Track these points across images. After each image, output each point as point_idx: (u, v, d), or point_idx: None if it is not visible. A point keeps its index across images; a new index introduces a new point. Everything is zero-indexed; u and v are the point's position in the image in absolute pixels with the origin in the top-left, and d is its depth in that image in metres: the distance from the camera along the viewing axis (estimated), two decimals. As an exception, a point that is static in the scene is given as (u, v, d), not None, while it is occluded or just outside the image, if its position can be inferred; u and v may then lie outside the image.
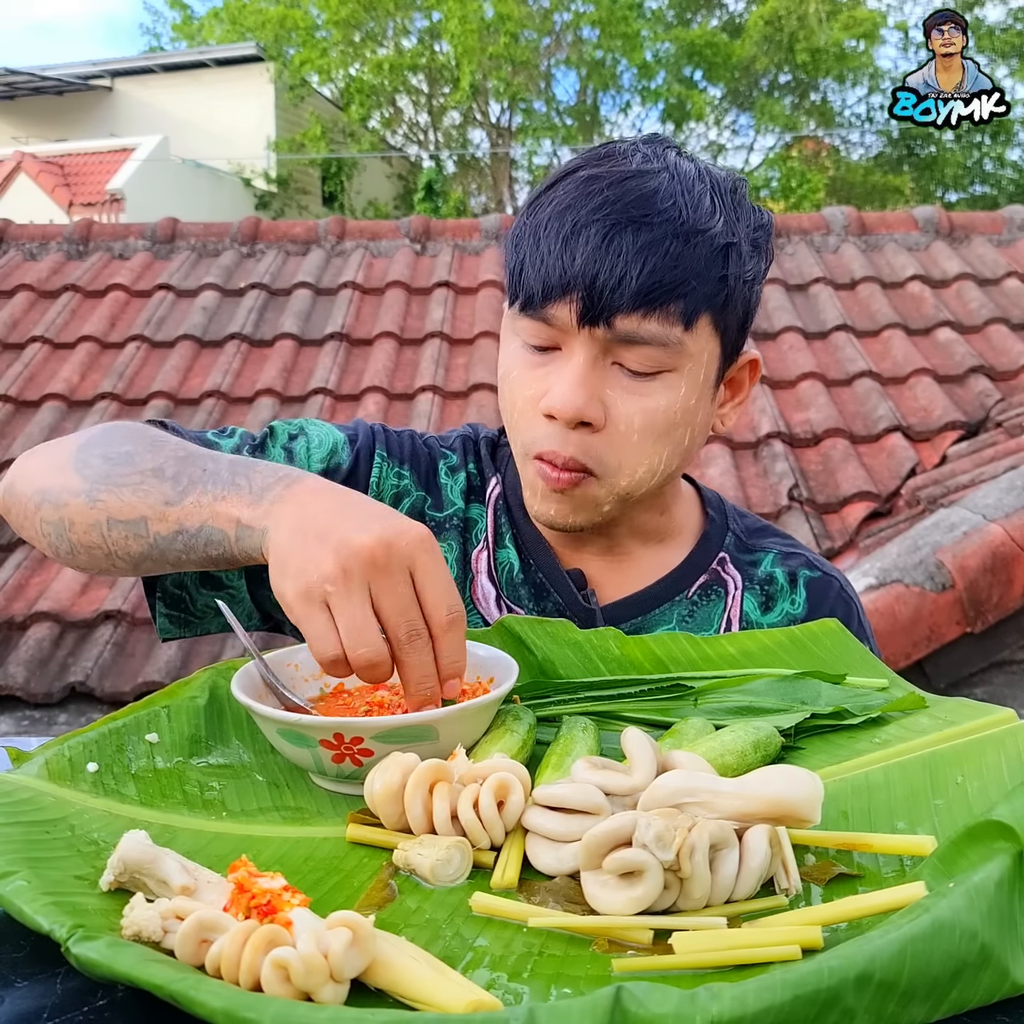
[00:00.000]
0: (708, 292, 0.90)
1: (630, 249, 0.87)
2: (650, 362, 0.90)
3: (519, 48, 14.90)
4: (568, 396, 0.89)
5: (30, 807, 0.61)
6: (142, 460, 0.84)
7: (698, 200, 0.90)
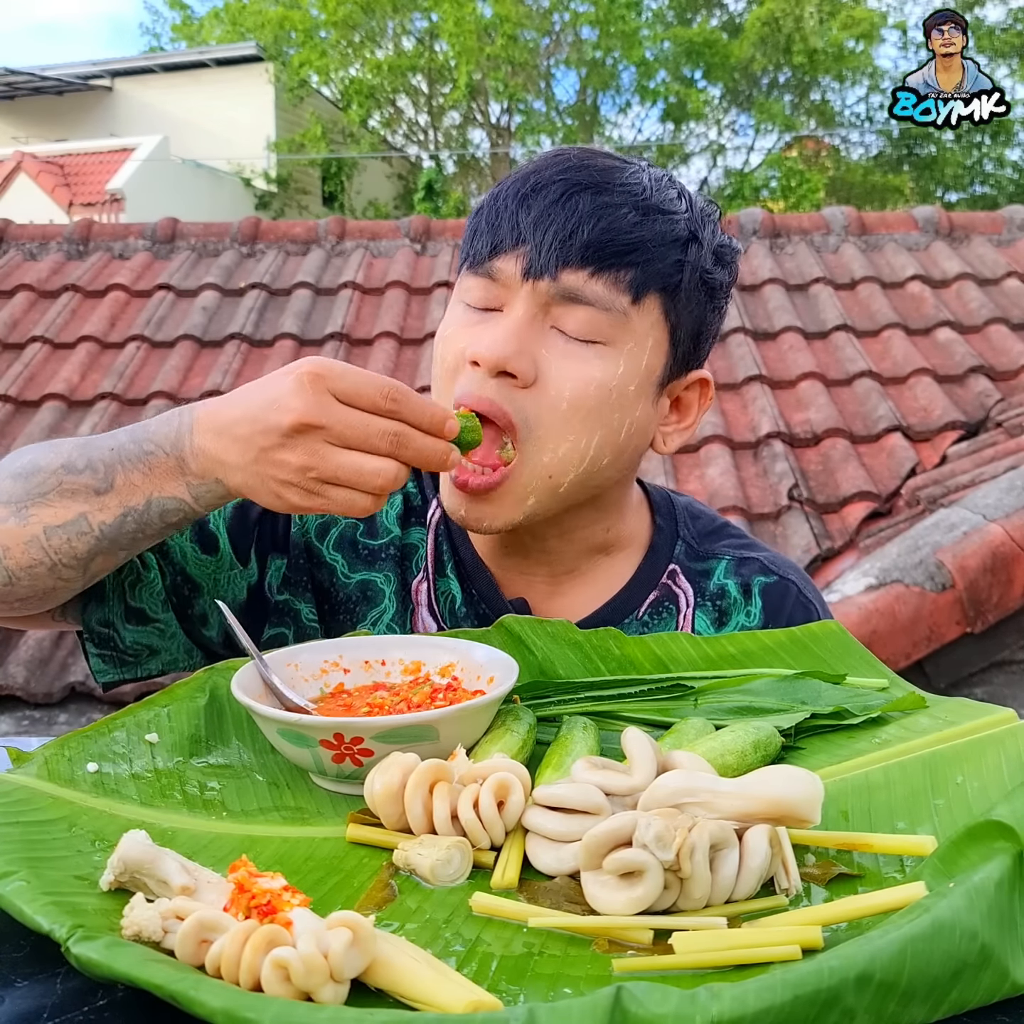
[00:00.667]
0: (661, 270, 0.88)
1: (586, 208, 0.86)
2: (589, 327, 0.87)
3: (517, 48, 14.89)
4: (497, 342, 0.86)
5: (30, 807, 0.61)
6: (47, 462, 0.84)
7: (664, 189, 0.91)
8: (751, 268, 4.78)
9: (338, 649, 0.82)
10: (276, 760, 0.73)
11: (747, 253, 4.92)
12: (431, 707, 0.72)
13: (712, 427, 3.81)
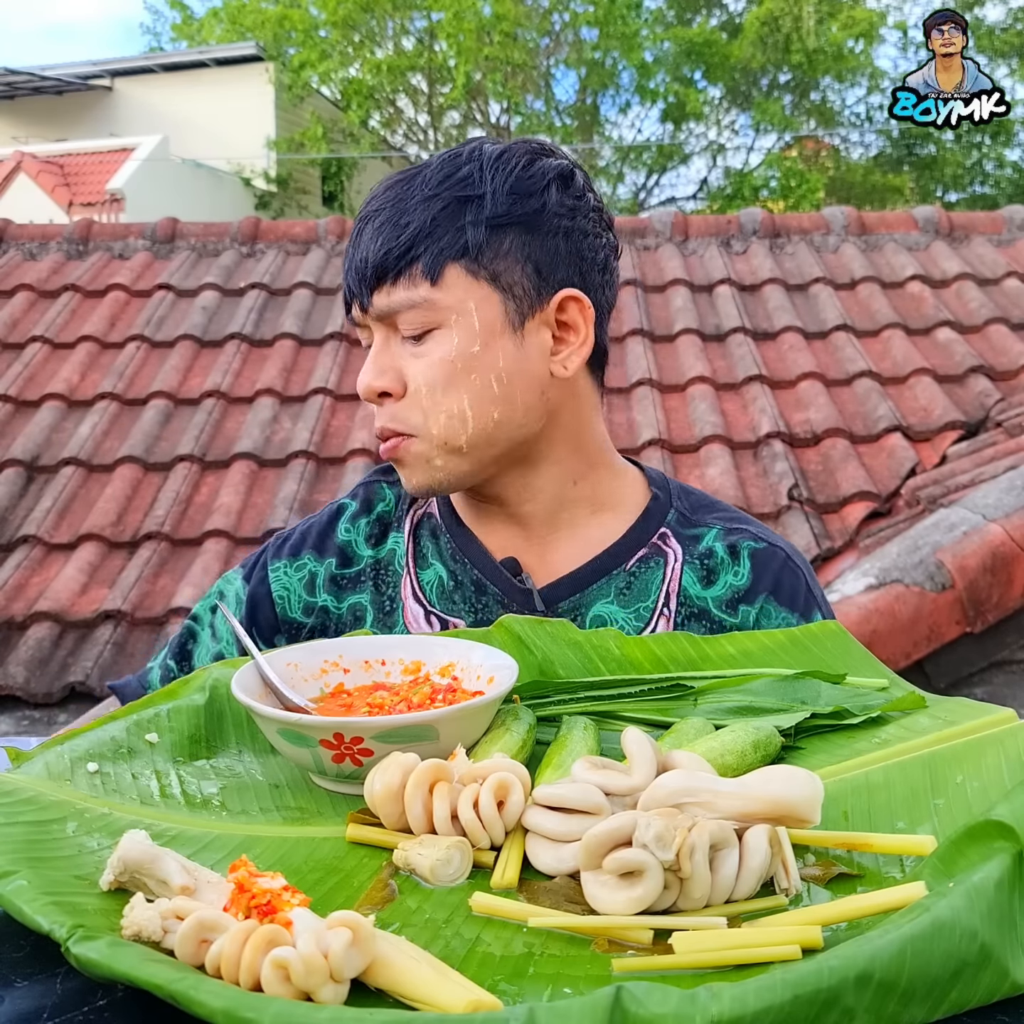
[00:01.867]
0: (442, 247, 0.97)
1: (368, 234, 0.99)
2: (414, 325, 0.98)
3: (516, 49, 14.89)
4: (362, 377, 1.01)
5: (30, 807, 0.61)
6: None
7: (445, 168, 0.99)
8: (751, 268, 4.78)
9: (338, 649, 0.82)
10: (276, 760, 0.73)
11: (747, 253, 4.92)
12: (431, 707, 0.72)
13: (712, 427, 3.82)
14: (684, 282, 4.63)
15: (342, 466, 3.88)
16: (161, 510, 3.71)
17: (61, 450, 4.01)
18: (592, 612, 1.04)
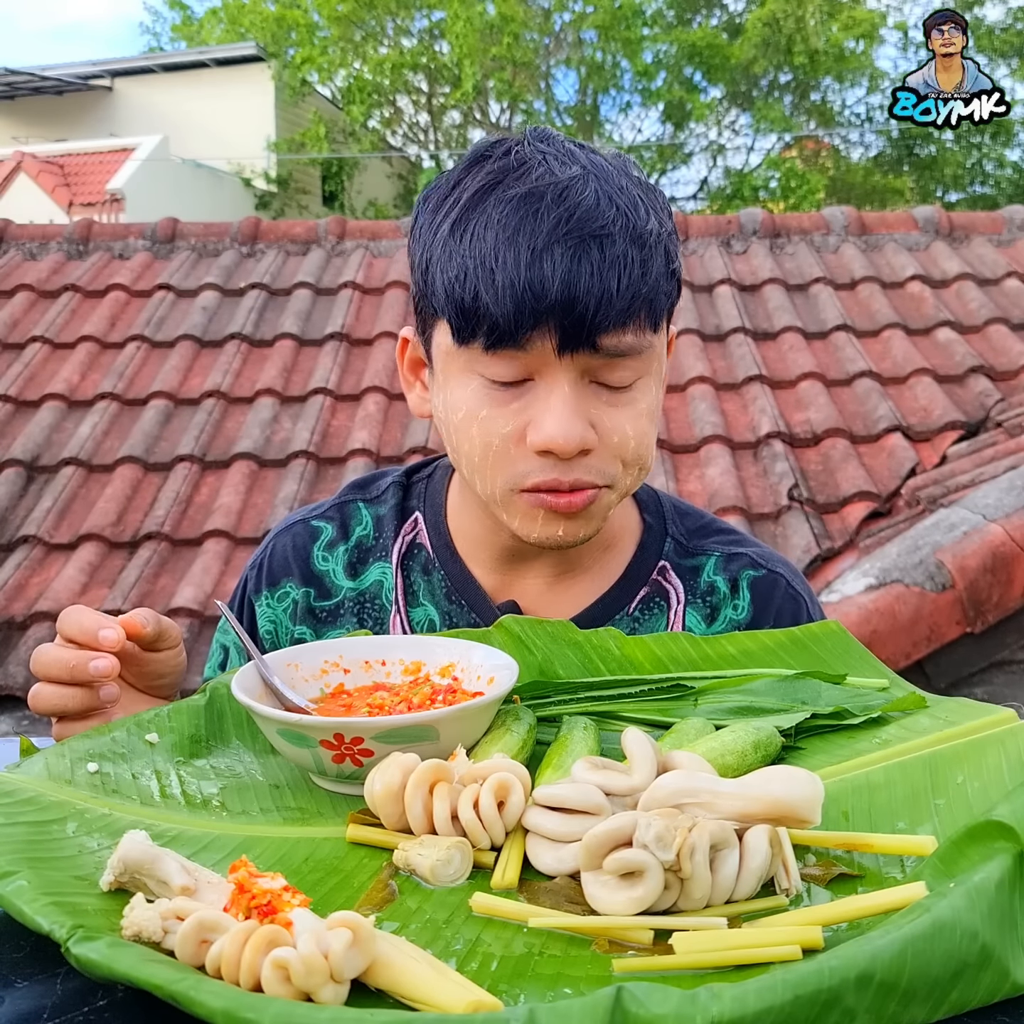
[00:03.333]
0: (667, 291, 0.89)
1: (601, 267, 0.83)
2: (629, 373, 0.88)
3: (521, 49, 14.90)
4: (566, 429, 0.85)
5: (30, 807, 0.61)
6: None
7: (632, 200, 0.87)
8: (751, 268, 4.78)
9: (338, 649, 0.82)
10: (276, 760, 0.73)
11: (747, 253, 4.92)
12: (431, 708, 0.72)
13: (712, 427, 3.82)
14: (684, 282, 4.61)
15: (342, 466, 3.88)
16: (161, 510, 3.71)
17: (61, 450, 4.01)
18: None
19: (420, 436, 3.90)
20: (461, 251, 0.85)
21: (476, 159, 0.90)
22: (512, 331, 0.84)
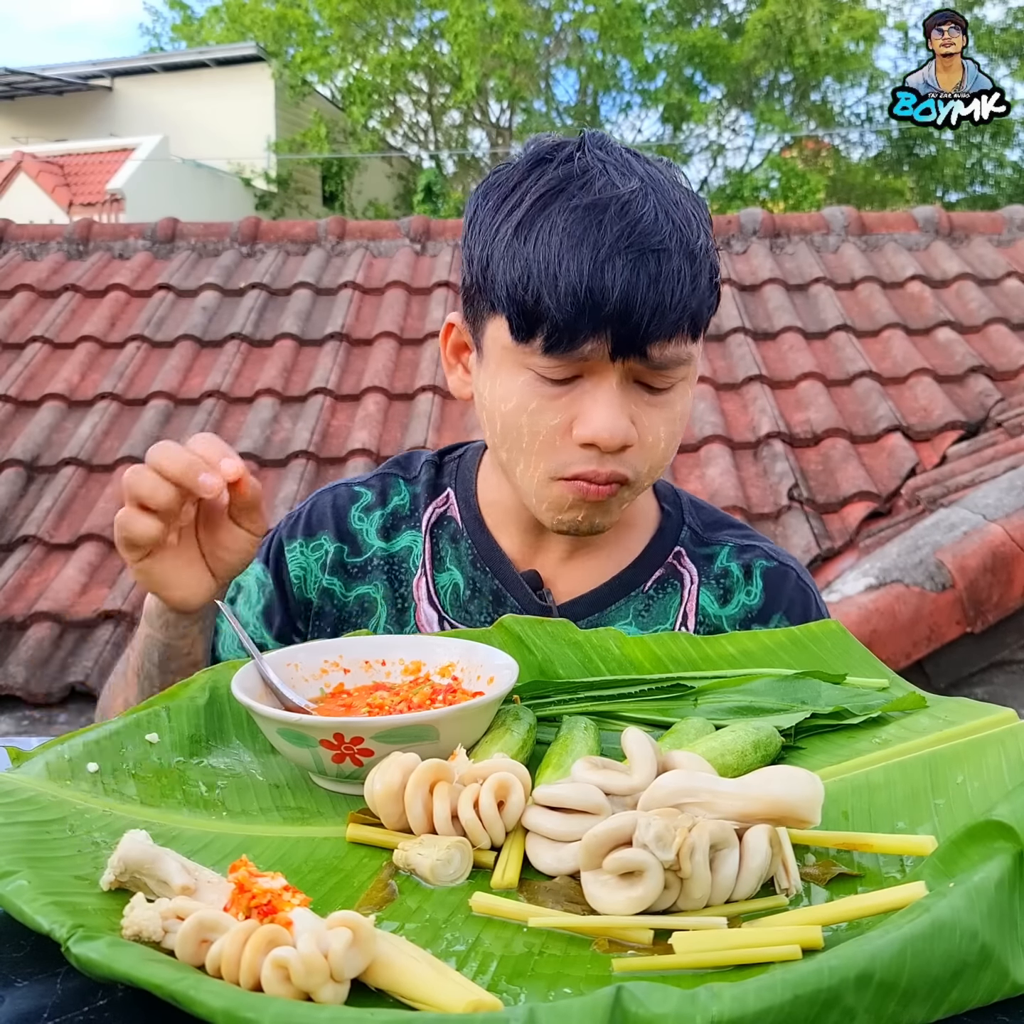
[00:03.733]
0: (710, 303, 0.94)
1: (657, 280, 0.87)
2: (671, 379, 0.94)
3: (521, 47, 14.89)
4: (612, 426, 0.91)
5: (30, 807, 0.61)
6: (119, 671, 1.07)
7: (686, 214, 0.92)
8: (751, 268, 4.78)
9: (338, 649, 0.82)
10: (276, 760, 0.73)
11: (747, 253, 4.92)
12: (431, 707, 0.72)
13: (712, 427, 3.82)
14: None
15: (342, 466, 3.88)
16: (161, 510, 3.70)
17: (61, 450, 4.01)
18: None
19: (420, 436, 3.90)
20: (525, 254, 0.89)
21: (537, 161, 0.94)
22: (571, 335, 0.89)
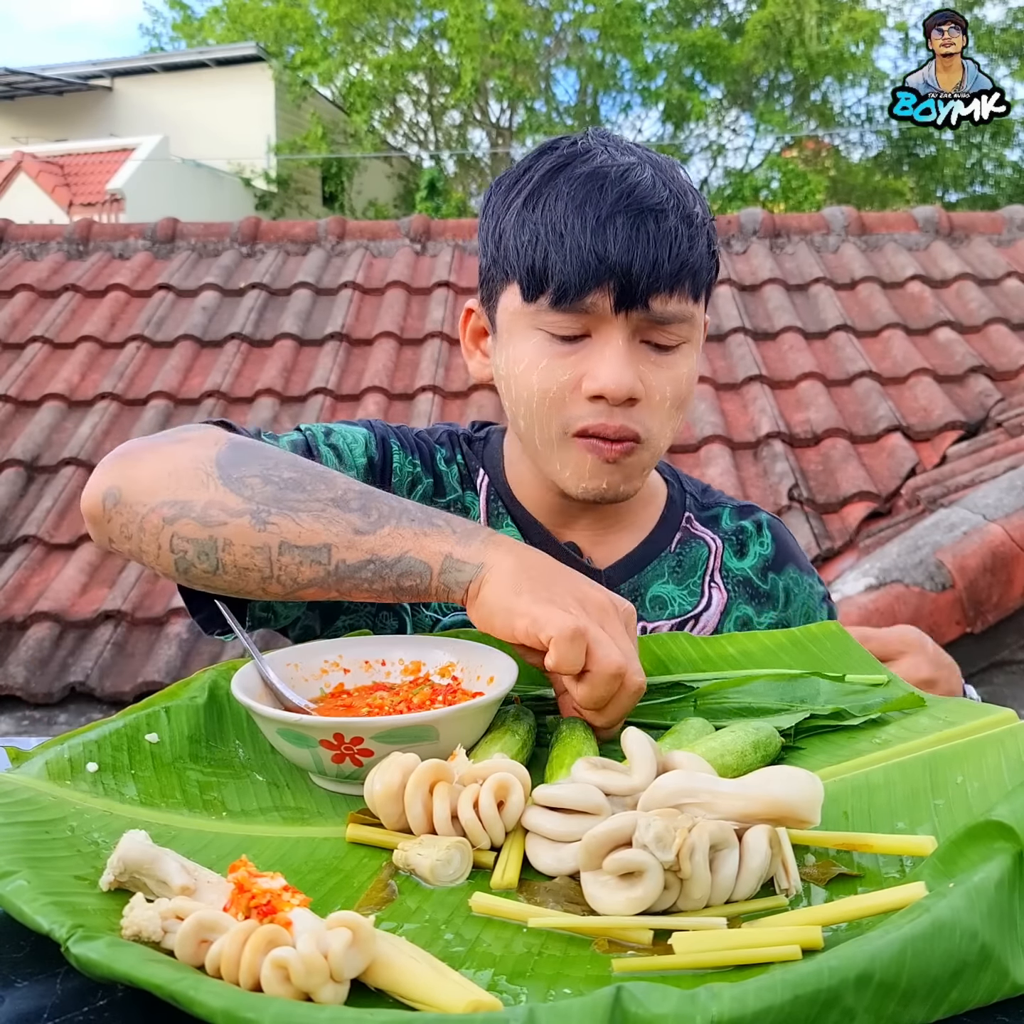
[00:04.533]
0: (708, 267, 0.98)
1: (656, 237, 0.93)
2: (674, 337, 0.97)
3: (521, 47, 14.88)
4: (619, 377, 0.94)
5: (30, 807, 0.61)
6: (316, 489, 0.84)
7: (682, 187, 0.98)
8: (751, 268, 4.78)
9: (338, 649, 0.82)
10: (276, 760, 0.73)
11: (747, 253, 4.92)
12: (431, 708, 0.72)
13: (712, 427, 3.82)
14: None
15: (342, 466, 3.88)
16: (161, 510, 3.70)
17: (61, 450, 4.01)
18: (651, 592, 1.08)
19: (420, 436, 3.89)
20: (533, 219, 0.96)
21: (544, 150, 1.01)
22: (576, 289, 0.94)
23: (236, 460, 0.85)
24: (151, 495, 0.83)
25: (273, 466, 0.85)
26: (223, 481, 0.83)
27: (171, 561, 0.83)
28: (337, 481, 0.85)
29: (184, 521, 0.82)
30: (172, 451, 0.87)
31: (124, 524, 0.85)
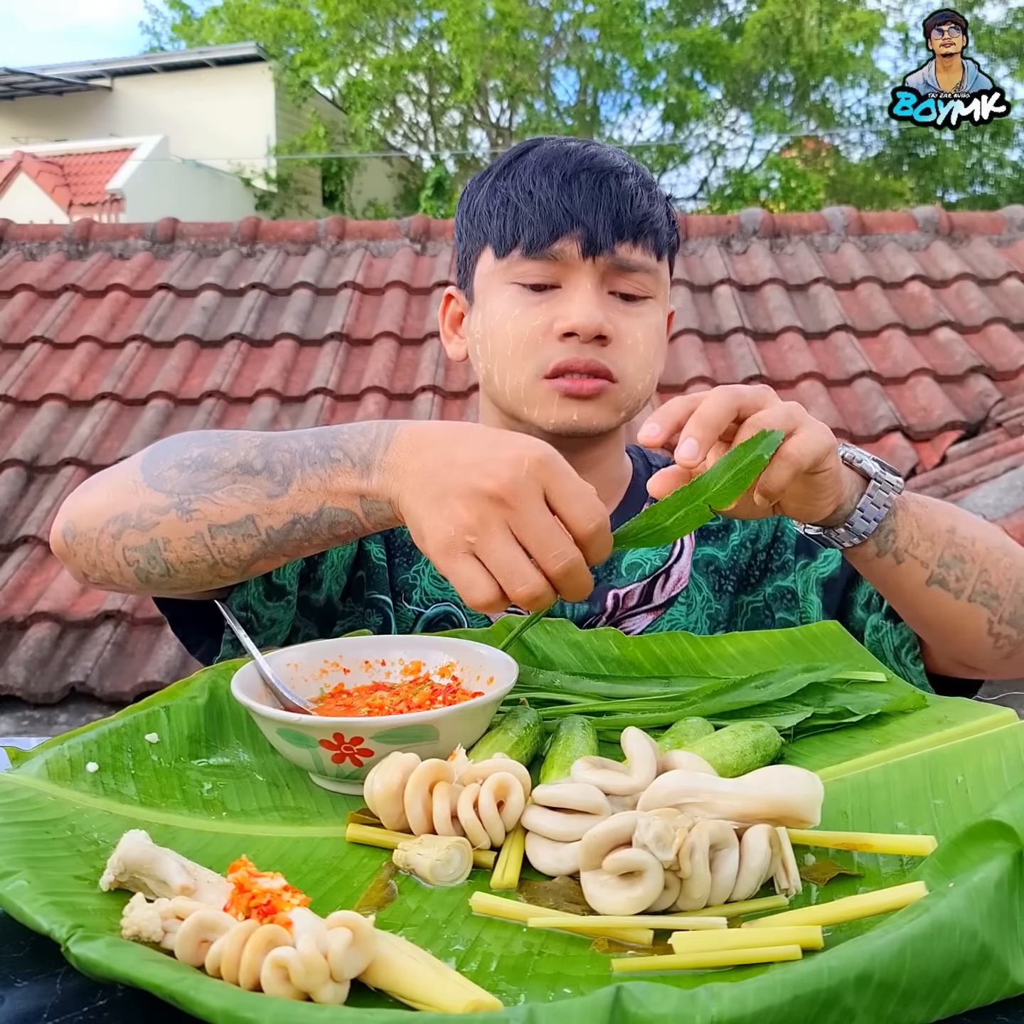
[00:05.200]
0: (667, 232, 1.05)
1: (617, 192, 1.01)
2: (640, 287, 1.02)
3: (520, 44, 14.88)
4: (589, 312, 0.99)
5: (30, 807, 0.61)
6: (221, 459, 0.82)
7: (640, 167, 1.07)
8: (751, 268, 4.78)
9: (338, 649, 0.82)
10: (276, 760, 0.73)
11: (747, 253, 4.92)
12: (431, 708, 0.72)
13: (712, 427, 3.81)
14: (684, 282, 4.63)
15: (342, 466, 3.88)
16: (161, 510, 3.70)
17: (61, 450, 4.01)
18: (626, 561, 1.08)
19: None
20: (504, 186, 1.04)
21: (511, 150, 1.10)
22: (546, 236, 1.00)
23: (155, 458, 0.86)
24: (98, 518, 0.85)
25: (184, 448, 0.85)
26: (147, 482, 0.83)
27: (132, 574, 0.84)
28: (239, 441, 0.83)
29: (128, 532, 0.82)
30: (110, 474, 0.88)
31: (86, 553, 0.86)
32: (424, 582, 1.07)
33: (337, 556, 1.05)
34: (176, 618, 1.00)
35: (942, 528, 0.87)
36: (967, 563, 0.88)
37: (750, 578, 1.11)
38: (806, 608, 1.08)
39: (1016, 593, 0.90)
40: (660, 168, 16.65)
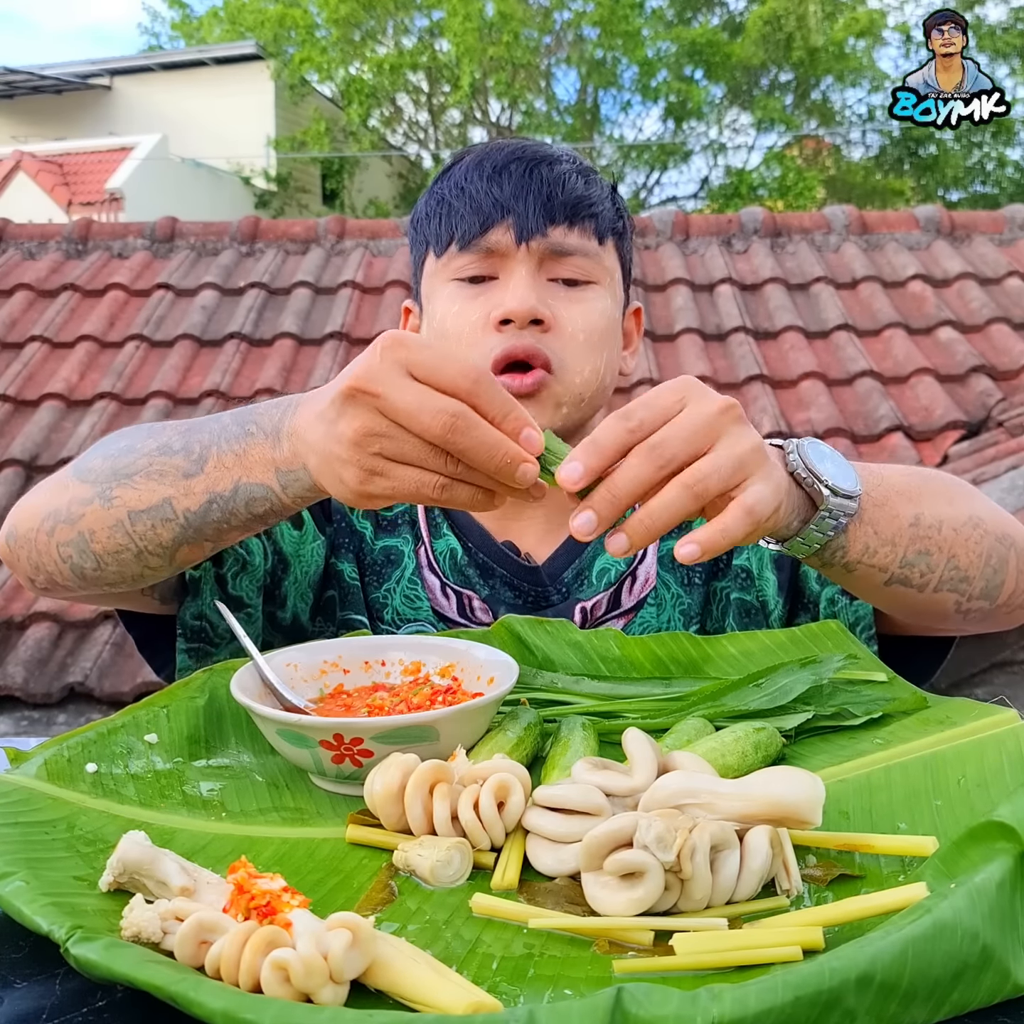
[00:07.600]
0: (610, 218, 1.04)
1: (549, 176, 1.01)
2: (580, 271, 1.01)
3: (520, 48, 14.87)
4: (521, 296, 0.98)
5: (29, 808, 0.61)
6: (143, 445, 0.80)
7: (583, 161, 1.07)
8: (752, 267, 4.77)
9: (337, 650, 0.82)
10: (276, 761, 0.73)
11: (748, 252, 4.92)
12: (431, 708, 0.72)
13: (712, 426, 3.81)
14: (685, 281, 4.63)
15: (342, 466, 3.88)
16: (161, 509, 3.70)
17: (60, 450, 4.01)
18: (596, 568, 1.06)
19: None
20: (440, 188, 1.05)
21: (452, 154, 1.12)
22: (478, 227, 1.00)
23: (88, 455, 0.86)
24: (34, 518, 0.85)
25: (115, 440, 0.84)
26: (76, 476, 0.83)
27: (68, 571, 0.83)
28: (166, 429, 0.82)
29: (59, 528, 0.82)
30: (51, 476, 0.88)
31: (28, 555, 0.86)
32: (396, 601, 1.06)
33: (301, 572, 1.03)
34: (142, 639, 1.01)
35: (904, 524, 0.80)
36: (933, 555, 0.82)
37: (719, 562, 1.07)
38: (762, 586, 1.05)
39: (987, 566, 0.85)
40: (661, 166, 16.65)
